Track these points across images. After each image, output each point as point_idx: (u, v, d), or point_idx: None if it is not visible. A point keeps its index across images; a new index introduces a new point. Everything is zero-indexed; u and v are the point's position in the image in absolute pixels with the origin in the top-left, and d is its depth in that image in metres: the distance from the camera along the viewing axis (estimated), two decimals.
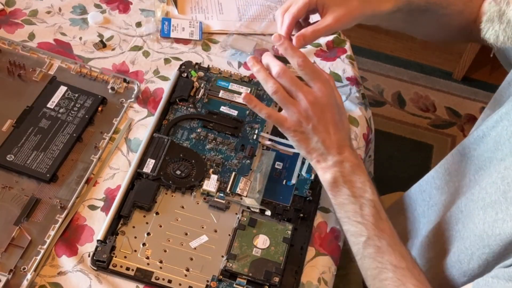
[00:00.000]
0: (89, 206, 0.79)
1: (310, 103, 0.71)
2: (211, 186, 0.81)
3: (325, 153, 0.72)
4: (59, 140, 0.83)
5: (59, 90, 0.88)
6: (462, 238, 0.70)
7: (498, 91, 0.81)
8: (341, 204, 0.72)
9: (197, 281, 0.73)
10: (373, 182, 0.74)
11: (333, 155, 0.72)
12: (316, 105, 0.71)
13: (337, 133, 0.72)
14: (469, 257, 0.69)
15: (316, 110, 0.71)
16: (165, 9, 1.04)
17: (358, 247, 0.71)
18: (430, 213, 0.81)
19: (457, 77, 2.08)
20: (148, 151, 0.83)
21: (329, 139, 0.72)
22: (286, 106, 0.72)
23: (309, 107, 0.71)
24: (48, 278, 0.72)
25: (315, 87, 0.71)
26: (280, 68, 0.71)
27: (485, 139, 0.73)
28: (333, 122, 0.72)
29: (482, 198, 0.69)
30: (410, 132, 1.91)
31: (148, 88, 0.93)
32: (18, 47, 0.93)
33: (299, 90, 0.71)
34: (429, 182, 0.83)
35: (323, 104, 0.71)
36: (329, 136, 0.72)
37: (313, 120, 0.71)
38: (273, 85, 0.72)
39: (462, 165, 0.76)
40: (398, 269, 0.68)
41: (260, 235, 0.77)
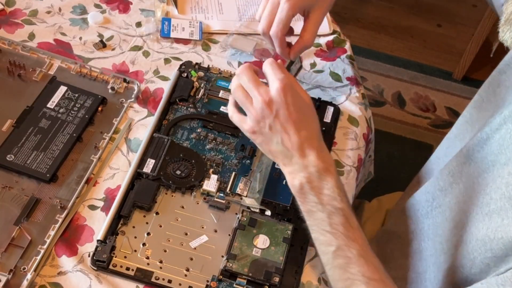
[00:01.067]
0: (89, 206, 0.79)
1: (264, 102, 0.69)
2: (211, 186, 0.81)
3: (288, 155, 0.70)
4: (59, 140, 0.83)
5: (59, 90, 0.88)
6: (465, 243, 0.69)
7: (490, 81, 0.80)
8: (309, 211, 0.70)
9: (197, 281, 0.74)
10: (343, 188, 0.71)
11: (297, 157, 0.69)
12: (271, 104, 0.69)
13: (298, 132, 0.69)
14: (471, 262, 0.68)
15: (271, 108, 0.69)
16: (165, 9, 1.04)
17: (328, 257, 0.69)
18: (434, 214, 0.80)
19: (457, 77, 2.08)
20: (148, 151, 0.83)
21: (288, 139, 0.69)
22: (243, 105, 0.72)
23: (264, 107, 0.69)
24: (48, 278, 0.72)
25: (272, 86, 0.69)
26: (242, 67, 0.71)
27: (488, 141, 0.72)
28: (292, 121, 0.69)
29: (486, 204, 0.67)
30: (410, 132, 1.91)
31: (148, 88, 0.93)
32: (18, 47, 0.93)
33: (254, 89, 0.70)
34: (433, 183, 0.82)
35: (278, 102, 0.69)
36: (288, 136, 0.69)
37: (268, 119, 0.69)
38: (233, 85, 0.72)
39: (466, 167, 0.76)
40: (371, 281, 0.65)
41: (260, 235, 0.77)
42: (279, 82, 0.69)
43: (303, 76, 0.99)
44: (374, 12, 2.25)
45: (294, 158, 0.70)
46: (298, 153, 0.69)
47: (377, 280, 0.66)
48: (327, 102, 0.94)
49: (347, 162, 0.89)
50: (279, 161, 0.72)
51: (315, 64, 1.01)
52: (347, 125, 0.94)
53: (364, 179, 1.04)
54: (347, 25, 2.17)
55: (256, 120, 0.70)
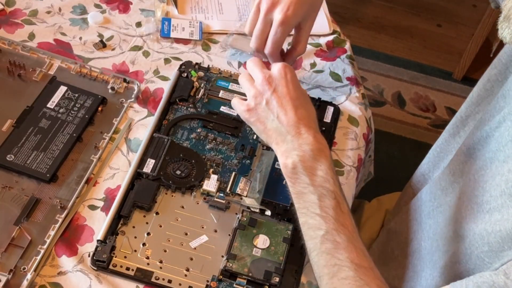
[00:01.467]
0: (89, 206, 0.79)
1: (264, 77, 0.71)
2: (211, 186, 0.81)
3: (283, 132, 0.69)
4: (59, 140, 0.83)
5: (59, 90, 0.88)
6: (462, 238, 0.70)
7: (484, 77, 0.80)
8: (299, 193, 0.68)
9: (197, 281, 0.74)
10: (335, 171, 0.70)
11: (292, 135, 0.69)
12: (270, 79, 0.71)
13: (294, 109, 0.69)
14: (467, 257, 0.68)
15: (270, 84, 0.71)
16: (165, 9, 1.04)
17: (315, 242, 0.66)
18: (435, 214, 0.81)
19: (457, 77, 2.08)
20: (148, 151, 0.83)
21: (284, 114, 0.69)
22: (245, 87, 0.74)
23: (264, 82, 0.71)
24: (48, 278, 0.72)
25: (273, 67, 0.73)
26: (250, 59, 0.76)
27: (488, 139, 0.72)
28: (289, 97, 0.70)
29: (486, 201, 0.67)
30: (410, 132, 1.91)
31: (148, 88, 0.93)
32: (18, 47, 0.93)
33: (257, 69, 0.73)
34: (435, 183, 0.82)
35: (277, 79, 0.71)
36: (284, 111, 0.69)
37: (266, 94, 0.71)
38: (242, 72, 0.75)
39: (466, 166, 0.76)
40: (360, 268, 0.63)
41: (260, 235, 0.77)
42: (280, 64, 0.73)
43: (303, 76, 0.99)
44: (374, 12, 2.25)
45: (289, 135, 0.69)
46: (293, 130, 0.69)
47: (366, 267, 0.64)
48: (327, 102, 0.94)
49: (347, 162, 0.89)
50: (272, 140, 0.71)
51: (315, 64, 1.01)
52: (347, 125, 0.94)
53: (364, 179, 1.04)
54: (347, 25, 2.17)
55: (254, 96, 0.72)
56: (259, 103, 0.71)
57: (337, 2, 2.25)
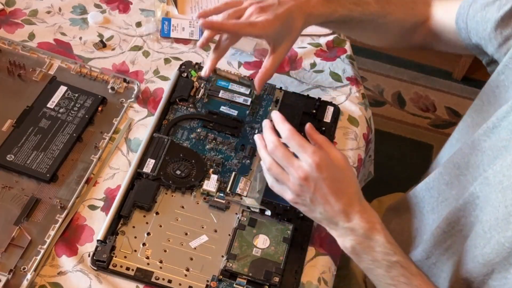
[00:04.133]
0: (89, 206, 0.79)
1: (300, 179, 0.69)
2: (211, 186, 0.81)
3: (333, 221, 0.71)
4: (59, 140, 0.83)
5: (59, 90, 0.88)
6: (480, 222, 0.70)
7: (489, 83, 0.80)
8: (367, 269, 0.72)
9: (197, 281, 0.74)
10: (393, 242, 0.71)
11: (343, 221, 0.70)
12: (307, 179, 0.69)
13: (339, 200, 0.70)
14: (486, 241, 0.68)
15: (309, 184, 0.69)
16: (165, 9, 1.04)
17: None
18: (440, 208, 0.81)
19: (457, 77, 2.08)
20: (148, 151, 0.83)
21: (331, 209, 0.70)
22: (281, 181, 0.72)
23: (301, 183, 0.70)
24: (48, 278, 0.72)
25: (303, 160, 0.70)
26: (272, 145, 0.72)
27: (496, 129, 0.73)
28: (331, 192, 0.70)
29: (499, 182, 0.68)
30: (410, 132, 1.91)
31: (148, 88, 0.93)
32: (18, 47, 0.93)
33: (289, 166, 0.70)
34: (437, 178, 0.82)
35: (314, 177, 0.69)
36: (330, 206, 0.70)
37: (308, 194, 0.70)
38: (267, 162, 0.73)
39: (473, 157, 0.76)
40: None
41: (260, 235, 0.77)
42: (311, 158, 0.69)
43: (303, 76, 0.99)
44: None
45: (340, 222, 0.71)
46: (342, 219, 0.70)
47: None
48: (327, 102, 0.94)
49: None
50: (324, 225, 0.73)
51: (315, 64, 1.01)
52: (347, 125, 0.94)
53: (364, 179, 1.04)
54: None
55: (296, 194, 0.71)
56: (304, 200, 0.71)
57: None
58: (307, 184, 0.69)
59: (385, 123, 1.91)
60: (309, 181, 0.69)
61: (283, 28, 0.80)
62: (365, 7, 0.86)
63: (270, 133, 0.73)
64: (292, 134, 0.71)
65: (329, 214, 0.71)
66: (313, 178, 0.69)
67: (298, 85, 0.98)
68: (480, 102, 0.81)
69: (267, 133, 0.73)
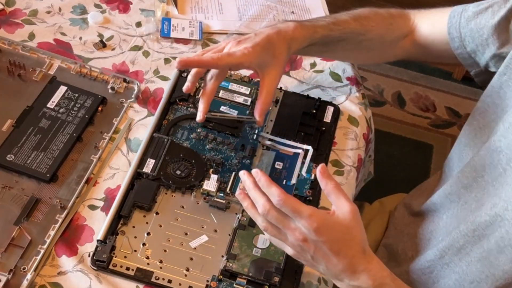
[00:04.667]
0: (89, 206, 0.79)
1: (298, 240, 0.66)
2: (211, 186, 0.81)
3: (339, 277, 0.68)
4: (59, 140, 0.83)
5: (59, 90, 0.88)
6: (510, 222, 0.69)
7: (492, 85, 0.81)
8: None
9: (197, 281, 0.73)
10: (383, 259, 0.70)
11: (348, 279, 0.67)
12: (306, 241, 0.66)
13: (342, 260, 0.66)
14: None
15: (308, 245, 0.66)
16: (165, 9, 1.04)
17: None
18: (461, 211, 0.80)
19: (457, 77, 2.08)
20: (148, 151, 0.83)
21: (334, 267, 0.67)
22: (280, 241, 0.69)
23: (301, 244, 0.66)
24: (48, 278, 0.72)
25: (299, 224, 0.66)
26: (263, 208, 0.67)
27: (511, 128, 0.73)
28: (333, 253, 0.66)
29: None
30: (410, 132, 1.91)
31: (148, 88, 0.93)
32: (18, 47, 0.93)
33: (286, 229, 0.67)
34: (455, 183, 0.82)
35: (313, 240, 0.65)
36: (333, 265, 0.67)
37: (309, 253, 0.67)
38: (262, 223, 0.69)
39: (488, 158, 0.76)
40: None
41: (260, 235, 0.77)
42: (308, 223, 0.65)
43: (303, 76, 0.99)
44: None
45: (346, 279, 0.68)
46: (348, 277, 0.68)
47: None
48: (327, 102, 0.94)
49: (347, 162, 0.89)
50: (329, 278, 0.71)
51: (315, 64, 1.01)
52: (347, 125, 0.94)
53: (364, 179, 1.04)
54: None
55: (296, 251, 0.68)
56: (305, 257, 0.68)
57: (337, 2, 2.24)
58: (307, 245, 0.66)
59: (385, 123, 1.91)
60: (308, 242, 0.66)
61: (265, 55, 0.78)
62: (344, 26, 0.86)
63: (257, 193, 0.68)
64: (283, 201, 0.65)
65: (333, 271, 0.68)
66: (312, 240, 0.66)
67: (298, 85, 0.98)
68: (485, 105, 0.82)
69: (254, 193, 0.68)
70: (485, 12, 0.81)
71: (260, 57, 0.78)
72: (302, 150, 0.86)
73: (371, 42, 0.89)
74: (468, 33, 0.83)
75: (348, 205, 0.66)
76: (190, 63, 0.78)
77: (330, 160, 0.89)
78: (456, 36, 0.85)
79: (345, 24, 0.86)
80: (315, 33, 0.83)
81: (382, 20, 0.90)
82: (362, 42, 0.89)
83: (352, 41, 0.88)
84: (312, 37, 0.83)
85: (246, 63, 0.77)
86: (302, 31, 0.82)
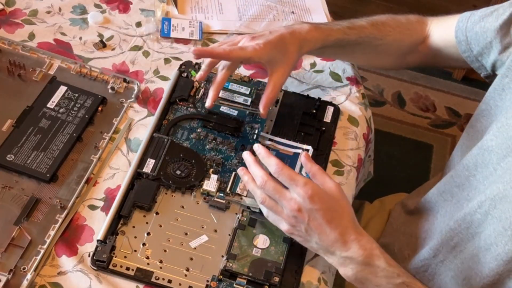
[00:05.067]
0: (89, 206, 0.79)
1: (293, 210, 0.70)
2: (211, 186, 0.81)
3: (330, 250, 0.71)
4: (59, 140, 0.83)
5: (59, 90, 0.88)
6: (500, 220, 0.70)
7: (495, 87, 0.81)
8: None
9: (197, 281, 0.73)
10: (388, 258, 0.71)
11: (340, 250, 0.70)
12: (301, 211, 0.70)
13: (335, 229, 0.70)
14: (507, 239, 0.68)
15: (303, 215, 0.70)
16: (165, 9, 1.04)
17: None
18: (453, 210, 0.81)
19: (457, 77, 2.08)
20: (148, 151, 0.83)
21: (327, 238, 0.70)
22: (275, 214, 0.73)
23: (294, 214, 0.70)
24: (48, 278, 0.72)
25: (295, 193, 0.70)
26: (261, 179, 0.72)
27: (503, 128, 0.74)
28: (326, 222, 0.70)
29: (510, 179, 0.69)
30: (410, 132, 1.91)
31: (148, 88, 0.93)
32: (18, 47, 0.93)
33: (282, 199, 0.71)
34: (448, 182, 0.83)
35: (307, 209, 0.70)
36: (326, 235, 0.70)
37: (302, 224, 0.71)
38: (260, 196, 0.73)
39: (480, 157, 0.77)
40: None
41: (260, 235, 0.77)
42: (303, 190, 0.69)
43: (303, 76, 0.99)
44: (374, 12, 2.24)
45: (337, 251, 0.71)
46: (339, 248, 0.70)
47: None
48: (327, 102, 0.94)
49: (347, 162, 0.89)
50: (321, 254, 0.73)
51: (315, 64, 1.01)
52: (347, 125, 0.94)
53: (364, 179, 1.04)
54: None
55: (291, 225, 0.72)
56: (299, 230, 0.72)
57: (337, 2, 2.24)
58: (301, 215, 0.70)
59: (385, 123, 1.91)
60: (302, 212, 0.70)
61: (276, 53, 0.82)
62: (360, 30, 0.88)
63: (257, 167, 0.73)
64: (281, 169, 0.71)
65: (325, 243, 0.71)
66: (306, 209, 0.69)
67: (298, 85, 0.98)
68: (488, 107, 0.82)
69: (254, 167, 0.74)
70: (490, 15, 0.82)
71: (270, 54, 0.81)
72: (302, 150, 0.86)
73: (389, 46, 0.91)
74: (473, 36, 0.84)
75: (333, 182, 0.72)
76: (204, 53, 0.82)
77: (330, 160, 0.89)
78: (463, 40, 0.86)
79: (361, 29, 0.88)
80: (329, 36, 0.86)
81: (400, 25, 0.92)
82: (379, 46, 0.90)
83: (369, 45, 0.90)
84: (325, 40, 0.86)
85: (256, 58, 0.81)
86: (316, 33, 0.85)
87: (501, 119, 0.76)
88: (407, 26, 0.92)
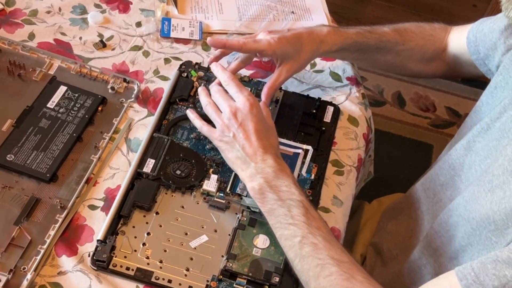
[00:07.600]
0: (89, 206, 0.79)
1: (231, 113, 0.76)
2: (211, 186, 0.81)
3: (247, 161, 0.75)
4: (59, 140, 0.83)
5: (59, 90, 0.88)
6: (468, 221, 0.71)
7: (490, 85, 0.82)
8: (270, 210, 0.73)
9: (197, 281, 0.74)
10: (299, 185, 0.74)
11: (255, 162, 0.74)
12: (236, 114, 0.76)
13: (259, 141, 0.75)
14: (477, 238, 0.69)
15: (236, 119, 0.76)
16: (165, 9, 1.04)
17: (295, 249, 0.70)
18: (435, 209, 0.82)
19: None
20: (148, 151, 0.83)
21: (249, 146, 0.75)
22: (213, 117, 0.78)
23: (230, 117, 0.76)
24: (48, 278, 0.72)
25: (238, 100, 0.77)
26: (215, 87, 0.81)
27: (489, 131, 0.75)
28: (254, 131, 0.75)
29: (489, 181, 0.69)
30: (410, 132, 1.91)
31: (148, 88, 0.93)
32: (18, 47, 0.93)
33: (224, 102, 0.77)
34: (433, 179, 0.83)
35: (243, 114, 0.76)
36: (250, 143, 0.75)
37: (233, 128, 0.76)
38: (205, 100, 0.81)
39: (467, 158, 0.77)
40: (342, 262, 0.67)
41: (260, 235, 0.77)
42: (245, 98, 0.77)
43: (303, 76, 0.99)
44: (374, 12, 2.25)
45: (252, 163, 0.74)
46: (257, 158, 0.74)
47: (347, 262, 0.68)
48: (327, 102, 0.94)
49: (347, 162, 0.89)
50: (237, 167, 0.76)
51: (315, 64, 1.01)
52: (347, 125, 0.94)
53: (364, 179, 1.04)
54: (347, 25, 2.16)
55: (222, 129, 0.77)
56: (227, 135, 0.76)
57: (337, 2, 2.24)
58: (235, 119, 0.76)
59: (385, 123, 1.91)
60: (237, 116, 0.76)
61: (289, 48, 0.83)
62: (382, 35, 0.89)
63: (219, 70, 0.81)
64: (231, 79, 0.79)
65: (247, 151, 0.75)
66: (241, 114, 0.76)
67: (298, 85, 0.98)
68: (480, 103, 0.83)
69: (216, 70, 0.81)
70: (501, 17, 0.82)
71: (283, 49, 0.83)
72: (302, 150, 0.86)
73: (411, 52, 0.91)
74: (482, 37, 0.85)
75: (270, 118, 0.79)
76: (218, 43, 0.84)
77: (330, 160, 0.89)
78: (473, 41, 0.86)
79: (382, 33, 0.89)
80: (348, 39, 0.87)
81: (423, 31, 0.92)
82: (402, 52, 0.91)
83: (391, 50, 0.90)
84: (343, 43, 0.87)
85: (269, 51, 0.82)
86: (334, 36, 0.86)
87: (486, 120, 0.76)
88: (430, 32, 0.92)
